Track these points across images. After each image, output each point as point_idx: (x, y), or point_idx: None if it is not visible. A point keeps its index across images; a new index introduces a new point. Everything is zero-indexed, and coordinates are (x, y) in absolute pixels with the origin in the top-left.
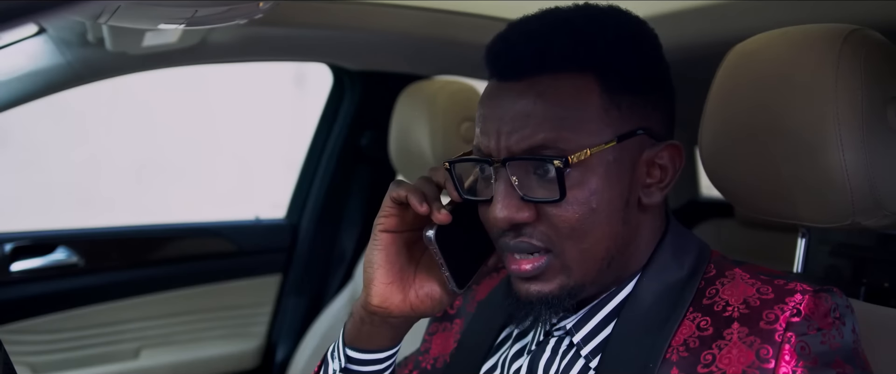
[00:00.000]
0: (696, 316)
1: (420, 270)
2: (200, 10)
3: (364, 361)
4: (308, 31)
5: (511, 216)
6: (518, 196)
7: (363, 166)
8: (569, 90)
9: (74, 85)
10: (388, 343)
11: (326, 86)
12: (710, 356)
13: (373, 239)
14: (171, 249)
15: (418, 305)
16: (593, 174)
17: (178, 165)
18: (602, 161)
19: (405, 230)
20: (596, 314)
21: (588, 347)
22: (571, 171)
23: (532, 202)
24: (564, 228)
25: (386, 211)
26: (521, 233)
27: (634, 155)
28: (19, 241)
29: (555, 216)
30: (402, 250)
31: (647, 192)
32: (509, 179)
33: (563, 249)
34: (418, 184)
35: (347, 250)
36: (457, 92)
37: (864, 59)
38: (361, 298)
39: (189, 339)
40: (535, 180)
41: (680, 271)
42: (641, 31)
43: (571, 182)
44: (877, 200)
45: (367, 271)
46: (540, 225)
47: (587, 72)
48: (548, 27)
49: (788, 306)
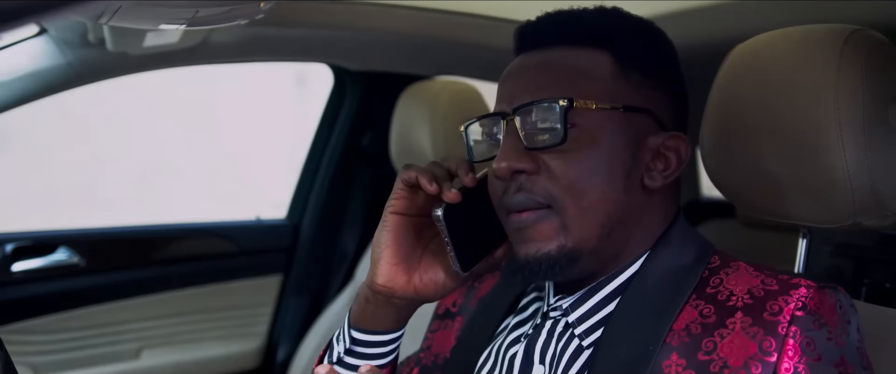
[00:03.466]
0: (698, 303)
1: (426, 254)
2: (201, 11)
3: (368, 342)
4: (309, 32)
5: (512, 165)
6: (522, 146)
7: (364, 167)
8: (583, 60)
9: (75, 85)
10: (391, 325)
11: (327, 86)
12: (711, 343)
13: (383, 220)
14: (173, 249)
15: (422, 288)
16: (597, 131)
17: (179, 166)
18: (606, 123)
19: (414, 214)
20: (593, 296)
21: (582, 326)
22: (576, 120)
23: (536, 152)
24: (565, 180)
25: (397, 193)
26: (521, 186)
27: (639, 134)
28: (20, 241)
29: (555, 168)
30: (410, 233)
31: (650, 175)
32: (516, 131)
33: (564, 205)
34: (429, 166)
35: (348, 250)
36: (458, 92)
37: (866, 59)
38: (368, 277)
39: (190, 339)
40: (540, 130)
41: (684, 258)
42: (659, 32)
43: (574, 133)
44: (878, 200)
45: (374, 250)
46: (540, 178)
47: (602, 48)
48: (569, 12)
49: (793, 298)
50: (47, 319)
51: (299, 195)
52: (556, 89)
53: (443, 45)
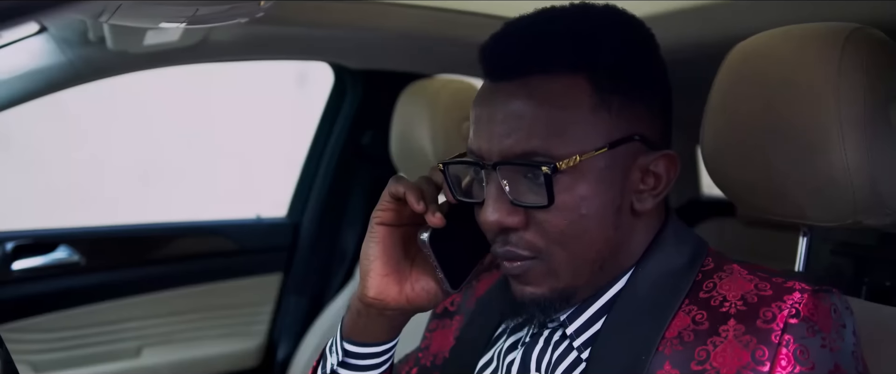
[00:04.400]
0: (691, 309)
1: (416, 264)
2: (201, 9)
3: (361, 354)
4: (309, 30)
5: (501, 220)
6: (508, 200)
7: (364, 165)
8: (559, 91)
9: (75, 84)
10: (385, 336)
11: (328, 85)
12: (704, 352)
13: (370, 231)
14: (173, 247)
15: (414, 298)
16: (583, 180)
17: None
18: (592, 167)
19: (402, 224)
20: (589, 307)
21: (580, 339)
22: (561, 176)
23: (522, 207)
24: (554, 233)
25: (383, 205)
26: (508, 241)
27: (627, 161)
28: (20, 240)
29: (544, 222)
30: (398, 244)
31: (639, 198)
32: (500, 183)
33: (552, 254)
34: (418, 182)
35: (348, 248)
36: (458, 91)
37: (867, 57)
38: (358, 290)
39: (190, 338)
40: (525, 185)
41: (679, 259)
42: (636, 32)
43: (560, 188)
44: (879, 198)
45: (363, 263)
46: (527, 232)
47: (578, 71)
48: (539, 26)
49: (787, 304)
50: (47, 317)
51: (299, 194)
52: (536, 139)
53: (443, 43)
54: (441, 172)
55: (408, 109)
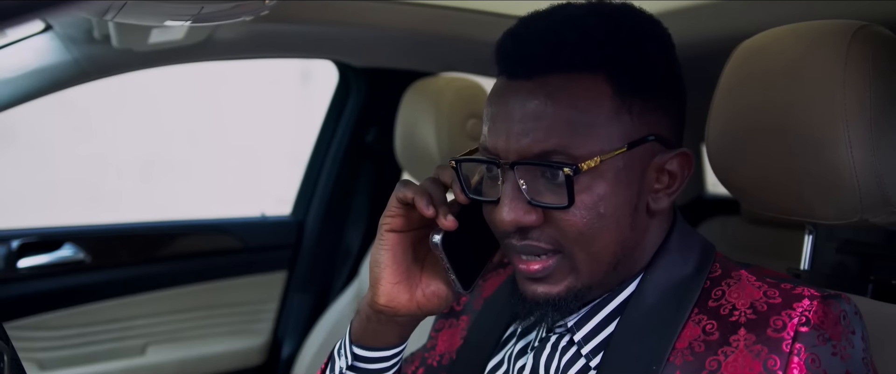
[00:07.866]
0: (701, 319)
1: (426, 268)
2: (206, 7)
3: (371, 358)
4: (314, 28)
5: (518, 219)
6: (525, 199)
7: (369, 163)
8: (580, 92)
9: (81, 82)
10: (394, 341)
11: (332, 82)
12: (715, 362)
13: (379, 239)
14: (178, 245)
15: (425, 303)
16: (602, 180)
17: (184, 162)
18: (612, 167)
19: (411, 230)
20: (597, 313)
21: (588, 346)
22: (580, 176)
23: (539, 207)
24: (572, 232)
25: (392, 211)
26: (527, 236)
27: (644, 161)
28: (26, 237)
29: (562, 221)
30: (408, 250)
31: (655, 197)
32: (517, 181)
33: (573, 251)
34: (425, 185)
35: (353, 246)
36: (463, 88)
37: (873, 55)
38: (368, 296)
39: (195, 335)
40: (542, 184)
41: (685, 267)
42: (655, 31)
43: (580, 188)
44: (885, 196)
45: (373, 270)
46: (547, 228)
47: (599, 72)
48: (559, 25)
49: (797, 312)
50: (53, 315)
51: (304, 192)
52: (556, 139)
53: (447, 41)
54: (454, 169)
55: (412, 107)
